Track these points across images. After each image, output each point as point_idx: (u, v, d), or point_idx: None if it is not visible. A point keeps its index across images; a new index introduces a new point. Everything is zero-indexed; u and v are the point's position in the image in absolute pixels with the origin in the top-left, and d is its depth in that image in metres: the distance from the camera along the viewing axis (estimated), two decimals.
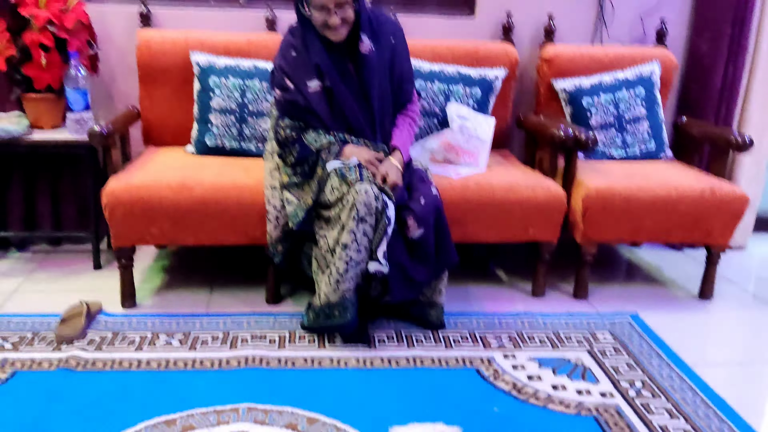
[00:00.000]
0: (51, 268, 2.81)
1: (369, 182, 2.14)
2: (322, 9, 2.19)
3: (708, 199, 2.58)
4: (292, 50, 2.32)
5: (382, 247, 2.15)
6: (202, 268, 2.87)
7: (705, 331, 2.54)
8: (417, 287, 2.27)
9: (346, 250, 2.13)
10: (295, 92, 2.29)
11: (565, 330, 2.43)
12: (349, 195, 2.13)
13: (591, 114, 2.88)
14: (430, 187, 2.31)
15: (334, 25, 2.20)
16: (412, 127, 2.47)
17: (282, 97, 2.32)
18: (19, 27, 2.63)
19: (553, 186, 2.55)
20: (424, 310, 2.38)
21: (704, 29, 3.15)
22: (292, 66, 2.31)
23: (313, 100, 2.28)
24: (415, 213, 2.23)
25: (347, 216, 2.13)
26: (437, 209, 2.28)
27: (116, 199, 2.31)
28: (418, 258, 2.26)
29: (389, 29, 2.39)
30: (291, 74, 2.30)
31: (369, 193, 2.11)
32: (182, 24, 2.93)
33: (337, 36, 2.24)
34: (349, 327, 2.21)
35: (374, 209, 2.12)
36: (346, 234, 2.13)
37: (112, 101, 3.00)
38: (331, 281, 2.17)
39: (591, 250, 2.63)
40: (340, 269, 2.15)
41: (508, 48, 2.98)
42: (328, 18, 2.20)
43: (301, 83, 2.29)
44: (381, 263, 2.16)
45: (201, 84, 2.68)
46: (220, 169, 2.49)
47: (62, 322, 2.27)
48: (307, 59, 2.30)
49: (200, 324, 2.36)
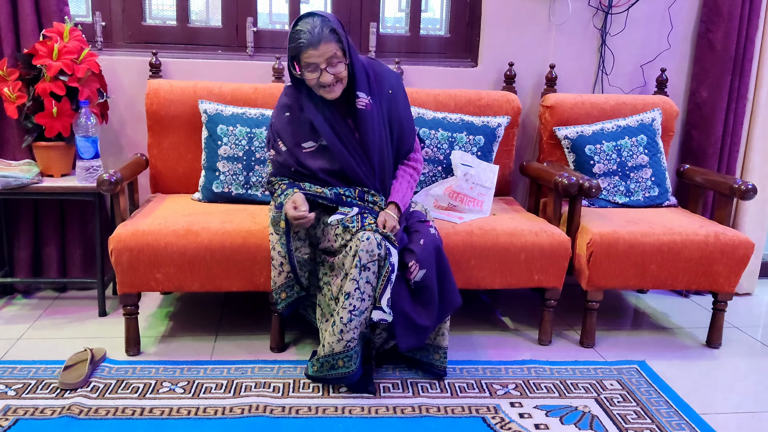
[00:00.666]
0: (56, 315, 2.81)
1: (371, 230, 2.15)
2: (313, 68, 2.17)
3: (712, 245, 2.58)
4: (286, 111, 2.33)
5: (386, 295, 2.14)
6: (207, 315, 2.86)
7: (714, 378, 2.51)
8: (423, 333, 2.23)
9: (349, 299, 2.12)
10: (287, 154, 2.31)
11: (573, 378, 2.41)
12: (352, 242, 2.13)
13: (594, 161, 2.90)
14: (428, 228, 2.30)
15: (327, 83, 2.19)
16: (413, 177, 2.46)
17: (275, 158, 2.35)
18: (32, 76, 2.69)
19: (558, 232, 2.56)
20: (428, 354, 2.36)
21: (704, 78, 3.20)
22: (286, 127, 2.32)
23: (307, 160, 2.29)
24: (415, 254, 2.22)
25: (350, 264, 2.13)
26: (437, 249, 2.26)
27: (123, 244, 2.32)
28: (422, 302, 2.23)
29: (387, 81, 2.37)
30: (284, 137, 2.32)
31: (371, 241, 2.11)
32: (191, 74, 2.99)
33: (332, 94, 2.23)
34: (353, 377, 2.19)
35: (377, 256, 2.12)
36: (349, 282, 2.12)
37: (121, 149, 3.04)
38: (335, 331, 2.15)
39: (597, 297, 2.62)
40: (344, 319, 2.13)
41: (511, 96, 3.03)
42: (319, 77, 2.18)
43: (296, 145, 2.30)
44: (385, 311, 2.14)
45: (209, 132, 2.72)
46: (226, 216, 2.51)
47: (66, 368, 2.26)
48: (302, 119, 2.30)
49: (204, 371, 2.35)
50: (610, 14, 3.18)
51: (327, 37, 2.14)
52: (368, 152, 2.31)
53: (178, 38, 3.10)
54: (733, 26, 3.08)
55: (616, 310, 3.14)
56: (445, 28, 3.30)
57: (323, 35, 2.14)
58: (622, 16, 3.19)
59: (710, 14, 3.15)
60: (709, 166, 3.19)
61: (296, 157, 2.30)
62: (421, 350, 2.35)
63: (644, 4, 3.18)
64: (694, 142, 3.26)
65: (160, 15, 3.14)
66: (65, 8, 2.80)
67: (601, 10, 3.18)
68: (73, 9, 2.98)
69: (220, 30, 3.11)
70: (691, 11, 3.24)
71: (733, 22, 3.08)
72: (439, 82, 3.13)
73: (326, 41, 2.14)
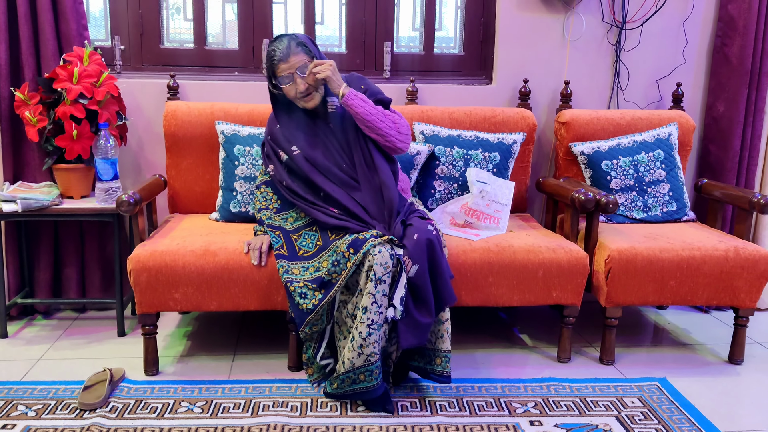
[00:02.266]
0: (76, 336, 2.83)
1: (382, 243, 2.16)
2: (288, 80, 2.35)
3: (732, 260, 2.55)
4: (276, 124, 2.51)
5: (399, 293, 2.18)
6: (225, 334, 2.87)
7: (736, 395, 2.47)
8: (423, 330, 2.23)
9: (366, 314, 2.14)
10: (283, 167, 2.45)
11: (593, 395, 2.38)
12: (366, 259, 2.15)
13: (611, 177, 2.89)
14: (426, 225, 2.30)
15: (302, 90, 2.35)
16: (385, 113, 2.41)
17: (274, 175, 2.47)
18: (53, 100, 2.73)
19: (575, 248, 2.55)
20: (429, 359, 2.32)
21: (720, 92, 3.19)
22: (280, 135, 2.47)
23: (299, 161, 2.41)
24: (407, 249, 2.23)
25: (365, 279, 2.15)
26: (430, 243, 2.24)
27: (141, 265, 2.34)
28: (419, 299, 2.23)
29: (357, 83, 2.48)
30: (283, 144, 2.45)
31: (384, 254, 2.14)
32: (208, 95, 3.03)
33: (311, 103, 2.40)
34: (376, 392, 2.19)
35: (391, 267, 2.15)
36: (366, 297, 2.14)
37: (139, 170, 3.08)
38: (355, 346, 2.16)
39: (616, 314, 2.60)
40: (363, 333, 2.14)
41: (526, 113, 3.03)
42: (296, 87, 2.35)
43: (289, 152, 2.43)
44: (396, 308, 2.17)
45: (226, 152, 2.75)
46: (244, 235, 2.53)
47: (85, 389, 2.27)
48: (290, 126, 2.47)
49: (222, 391, 2.35)
50: (624, 30, 3.18)
51: (295, 50, 2.35)
52: (349, 149, 2.43)
53: (195, 61, 3.14)
54: (749, 40, 3.07)
55: (635, 327, 3.11)
56: (459, 47, 3.32)
57: (291, 49, 2.35)
58: (636, 31, 3.19)
59: (725, 28, 3.15)
60: (728, 180, 3.17)
61: (291, 157, 2.42)
62: (422, 356, 2.33)
63: (658, 20, 3.18)
64: (712, 157, 3.24)
65: (177, 38, 3.19)
66: (85, 33, 2.85)
67: (615, 25, 3.18)
68: (93, 33, 3.04)
69: (237, 52, 3.15)
70: (705, 26, 3.23)
71: (749, 36, 3.07)
72: (454, 100, 3.14)
73: (294, 54, 2.34)
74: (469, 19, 3.25)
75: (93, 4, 3.11)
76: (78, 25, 2.82)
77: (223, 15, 3.18)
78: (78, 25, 2.82)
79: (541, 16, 3.15)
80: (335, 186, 2.40)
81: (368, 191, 2.39)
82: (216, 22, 3.20)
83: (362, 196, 2.38)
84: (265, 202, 2.52)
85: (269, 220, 2.47)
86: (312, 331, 2.30)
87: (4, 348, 2.70)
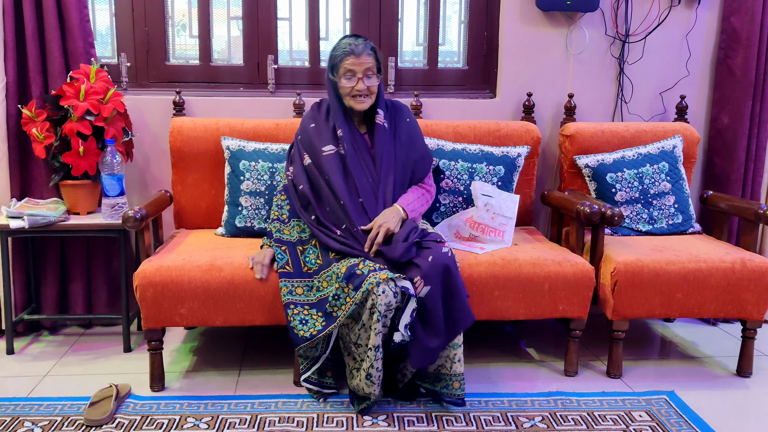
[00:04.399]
0: (82, 351, 2.83)
1: (385, 281, 2.16)
2: (350, 75, 2.39)
3: (739, 272, 2.54)
4: (311, 122, 2.51)
5: (404, 320, 2.19)
6: (231, 349, 2.87)
7: (746, 408, 2.45)
8: (432, 353, 2.24)
9: (376, 351, 2.18)
10: (304, 171, 2.46)
11: (600, 409, 2.37)
12: (369, 297, 2.16)
13: (616, 189, 2.89)
14: (441, 248, 2.29)
15: (361, 90, 2.41)
16: (424, 196, 2.56)
17: (291, 177, 2.48)
18: (59, 117, 2.75)
19: (581, 261, 2.54)
20: (447, 384, 2.31)
21: (725, 104, 3.19)
22: (311, 136, 2.48)
23: (326, 163, 2.41)
24: (421, 270, 2.23)
25: (368, 317, 2.19)
26: (446, 268, 2.24)
27: (147, 280, 2.35)
28: (427, 322, 2.23)
29: (405, 113, 2.61)
30: (309, 146, 2.47)
31: (387, 293, 2.16)
32: (214, 111, 3.04)
33: (362, 105, 2.45)
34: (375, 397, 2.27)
35: (394, 306, 2.18)
36: (374, 337, 2.17)
37: (145, 186, 3.09)
38: (364, 377, 2.22)
39: (622, 327, 2.59)
40: (374, 366, 2.19)
41: (530, 126, 3.04)
42: (354, 84, 2.40)
43: (318, 151, 2.44)
44: (404, 334, 2.19)
45: (231, 167, 2.76)
46: (249, 250, 2.53)
47: (91, 405, 2.27)
48: (326, 126, 2.47)
49: (228, 406, 2.35)
50: (627, 43, 3.19)
51: (368, 51, 2.43)
52: (378, 166, 2.45)
53: (200, 77, 3.16)
54: (752, 52, 3.08)
55: (642, 340, 3.09)
56: (462, 61, 3.34)
57: (365, 49, 2.43)
58: (639, 44, 3.20)
59: (728, 40, 3.16)
60: (733, 192, 3.16)
61: (318, 163, 2.42)
62: (440, 381, 2.33)
63: (661, 32, 3.19)
64: (717, 168, 3.24)
65: (183, 55, 3.21)
66: (92, 50, 2.88)
67: (619, 39, 3.19)
68: (100, 51, 3.07)
69: (242, 68, 3.18)
70: (708, 38, 3.24)
71: (752, 47, 3.07)
72: (458, 113, 3.15)
73: (367, 54, 2.42)
74: (472, 34, 3.27)
75: (99, 22, 3.14)
76: (85, 42, 2.84)
77: (228, 31, 3.21)
78: (85, 42, 2.84)
79: (545, 30, 3.17)
80: (354, 197, 2.41)
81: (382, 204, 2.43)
82: (221, 38, 3.22)
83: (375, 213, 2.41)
84: (279, 210, 2.53)
85: (278, 233, 2.47)
86: (306, 354, 2.36)
87: (11, 364, 2.70)
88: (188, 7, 3.15)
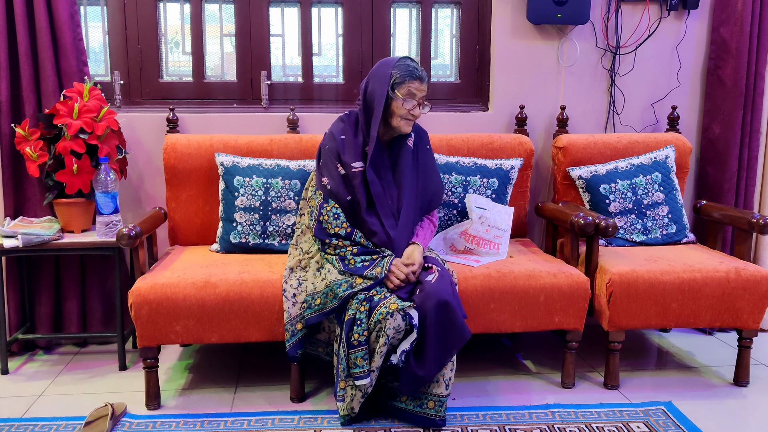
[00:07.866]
0: (77, 370, 2.82)
1: (395, 307, 2.19)
2: (411, 98, 2.38)
3: (734, 281, 2.55)
4: (342, 134, 2.47)
5: (403, 346, 2.21)
6: (227, 366, 2.86)
7: (743, 417, 2.45)
8: (421, 381, 2.24)
9: (375, 372, 2.22)
10: (342, 181, 2.41)
11: (598, 421, 2.36)
12: (381, 323, 2.18)
13: (609, 200, 2.90)
14: (443, 284, 2.29)
15: (417, 116, 2.42)
16: (432, 230, 2.59)
17: (330, 186, 2.42)
18: (53, 135, 2.75)
19: (576, 273, 2.55)
20: (421, 402, 2.29)
21: (716, 114, 3.21)
22: (343, 148, 2.44)
23: (354, 178, 2.41)
24: (415, 303, 2.26)
25: (374, 339, 2.21)
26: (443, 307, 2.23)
27: (142, 298, 2.34)
28: (418, 354, 2.23)
29: (425, 138, 2.61)
30: (343, 157, 2.43)
31: (396, 318, 2.18)
32: (207, 128, 3.05)
33: (409, 128, 2.44)
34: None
35: (403, 329, 2.20)
36: (377, 358, 2.20)
37: (139, 203, 3.09)
38: (358, 397, 2.26)
39: (619, 338, 2.59)
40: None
41: (523, 138, 3.05)
42: (411, 108, 2.39)
43: (348, 165, 2.42)
44: (399, 359, 2.21)
45: (226, 183, 2.76)
46: (244, 266, 2.53)
47: (87, 425, 2.25)
48: (355, 143, 2.45)
49: (225, 424, 2.33)
50: (618, 55, 3.22)
51: (427, 80, 2.44)
52: (400, 188, 2.45)
53: (194, 94, 3.17)
54: (742, 62, 3.10)
55: (639, 350, 3.09)
56: (455, 74, 3.36)
57: (425, 77, 2.43)
58: (630, 56, 3.22)
59: (718, 51, 3.18)
60: (726, 201, 3.18)
61: (349, 175, 2.40)
62: (414, 399, 2.30)
63: (651, 44, 3.22)
64: (710, 178, 3.25)
65: (176, 72, 3.22)
66: (85, 68, 2.88)
67: (609, 51, 3.22)
68: (93, 69, 3.08)
69: (235, 84, 3.18)
70: (699, 48, 3.27)
71: (742, 57, 3.10)
72: (451, 127, 3.16)
73: (427, 83, 2.44)
74: (464, 48, 3.29)
75: (93, 40, 3.15)
76: (78, 61, 2.85)
77: (221, 48, 3.22)
78: (78, 61, 2.85)
79: (536, 43, 3.19)
80: (375, 217, 2.42)
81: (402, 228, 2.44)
82: (214, 55, 3.23)
83: (397, 233, 2.42)
84: (336, 221, 2.39)
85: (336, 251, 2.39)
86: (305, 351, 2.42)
87: (5, 384, 2.69)
88: (181, 24, 3.16)
